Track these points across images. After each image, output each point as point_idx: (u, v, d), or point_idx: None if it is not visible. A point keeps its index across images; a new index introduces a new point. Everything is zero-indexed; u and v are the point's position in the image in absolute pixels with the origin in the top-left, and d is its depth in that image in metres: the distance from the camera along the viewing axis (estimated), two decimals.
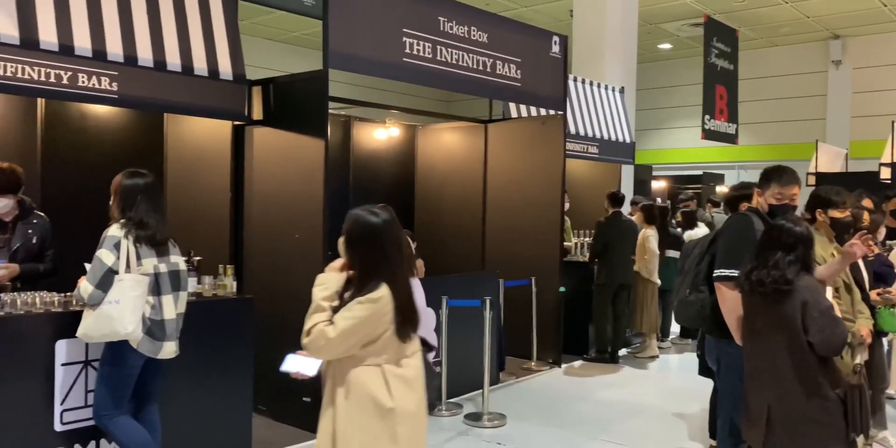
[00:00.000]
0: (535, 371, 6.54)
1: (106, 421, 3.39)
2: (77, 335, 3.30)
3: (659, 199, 9.32)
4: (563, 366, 6.76)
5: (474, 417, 5.12)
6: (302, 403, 4.50)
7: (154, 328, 3.35)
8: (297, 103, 4.96)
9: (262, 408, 4.81)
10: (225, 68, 4.84)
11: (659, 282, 7.14)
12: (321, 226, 4.68)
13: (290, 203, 4.89)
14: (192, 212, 5.27)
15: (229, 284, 4.28)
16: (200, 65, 4.70)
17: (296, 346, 2.60)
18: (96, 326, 3.24)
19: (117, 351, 3.35)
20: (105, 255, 3.25)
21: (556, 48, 6.71)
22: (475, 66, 5.85)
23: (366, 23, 4.96)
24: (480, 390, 5.33)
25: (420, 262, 5.46)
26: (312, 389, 3.65)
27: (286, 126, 4.99)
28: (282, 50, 14.59)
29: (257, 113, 5.12)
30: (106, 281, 3.23)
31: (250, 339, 4.23)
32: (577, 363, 6.96)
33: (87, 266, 3.32)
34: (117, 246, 3.29)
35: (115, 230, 3.34)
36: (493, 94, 6.41)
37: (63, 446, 3.51)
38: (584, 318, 7.12)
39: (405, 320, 2.53)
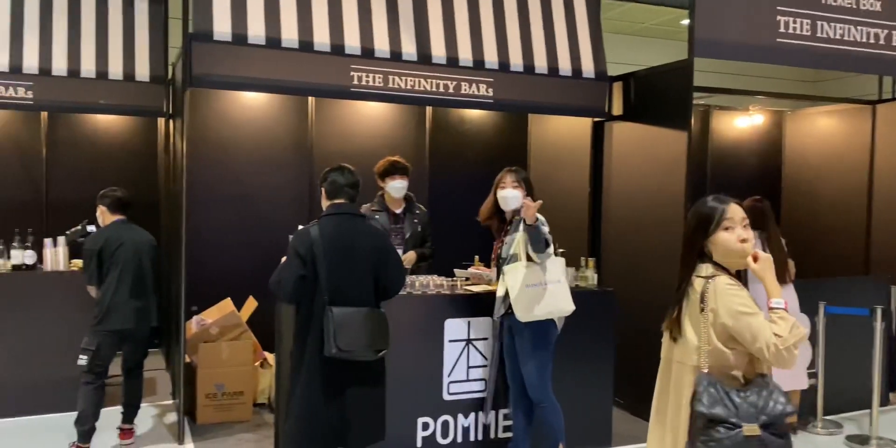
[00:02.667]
0: None
1: (547, 404, 3.64)
2: (519, 316, 3.52)
3: None
4: None
5: (859, 441, 4.51)
6: None
7: None
8: (658, 96, 4.88)
9: (619, 401, 4.85)
10: (588, 67, 4.96)
11: None
12: (682, 221, 4.54)
13: (650, 197, 4.83)
14: (553, 206, 5.48)
15: (591, 277, 4.39)
16: (565, 65, 4.89)
17: (653, 340, 2.55)
18: (540, 304, 3.51)
19: (543, 332, 3.59)
20: (547, 234, 3.54)
21: None
22: (865, 40, 5.11)
23: (734, 6, 4.66)
24: (866, 411, 4.67)
25: (791, 263, 4.98)
26: None
27: (646, 120, 4.94)
28: (629, 43, 14.45)
29: (617, 108, 5.16)
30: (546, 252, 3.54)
31: (612, 332, 4.29)
32: None
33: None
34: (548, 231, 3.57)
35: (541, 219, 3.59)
36: (888, 70, 5.53)
37: (449, 414, 3.97)
38: None
39: None
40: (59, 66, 5.07)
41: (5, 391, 4.58)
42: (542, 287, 3.51)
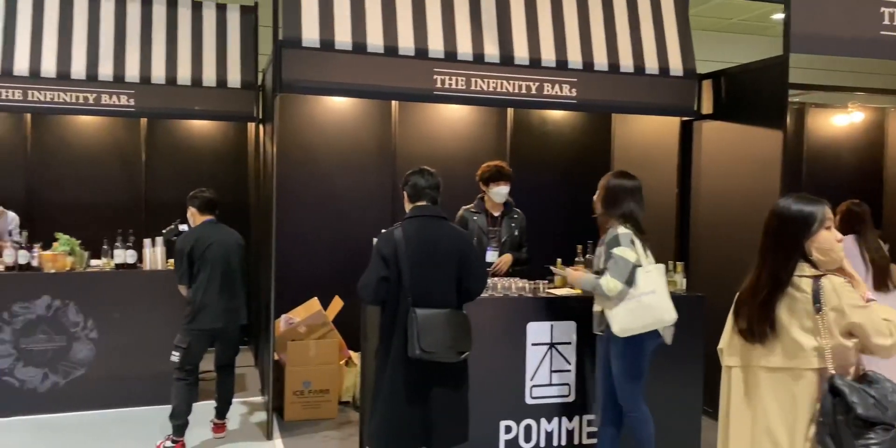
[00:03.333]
0: None
1: (637, 414, 3.52)
2: (614, 331, 3.40)
3: None
4: None
5: None
6: None
7: None
8: (751, 94, 4.69)
9: (709, 410, 4.69)
10: (675, 65, 4.83)
11: None
12: None
13: (742, 198, 4.65)
14: None
15: (679, 281, 4.26)
16: (651, 64, 4.78)
17: None
18: (635, 319, 3.38)
19: (638, 341, 3.45)
20: (628, 253, 3.41)
21: None
22: None
23: None
24: None
25: (894, 267, 4.69)
26: None
27: (738, 118, 4.76)
28: (716, 39, 14.01)
29: (706, 107, 4.99)
30: (633, 276, 3.41)
31: (701, 339, 4.15)
32: None
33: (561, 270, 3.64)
34: (632, 242, 3.46)
35: (623, 229, 3.49)
36: None
37: (532, 418, 3.94)
38: None
39: None
40: (158, 74, 5.33)
41: (107, 383, 4.84)
42: (636, 300, 3.40)
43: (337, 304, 5.08)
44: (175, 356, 4.12)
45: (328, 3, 4.19)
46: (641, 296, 3.36)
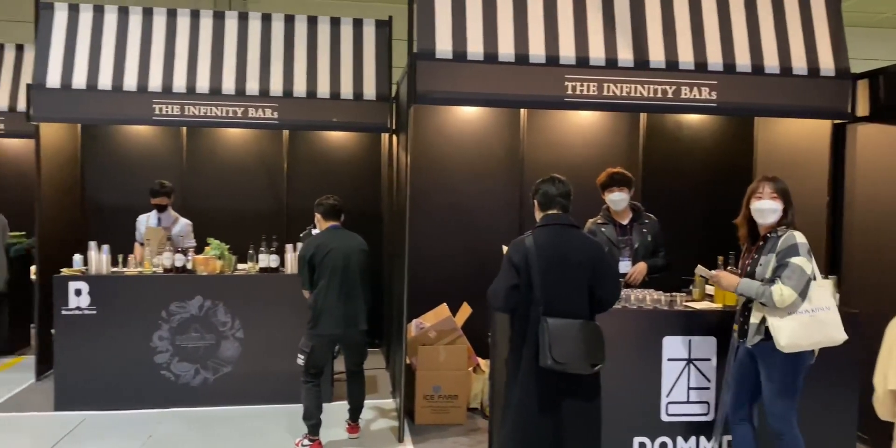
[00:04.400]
0: None
1: (789, 439, 3.33)
2: (781, 346, 3.21)
3: None
4: None
5: None
6: None
7: None
8: None
9: (864, 436, 4.32)
10: (826, 64, 4.52)
11: None
12: None
13: None
14: None
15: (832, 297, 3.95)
16: (800, 63, 4.49)
17: None
18: (807, 334, 3.21)
19: (795, 359, 3.28)
20: (805, 264, 3.25)
21: None
22: None
23: None
24: None
25: None
26: None
27: None
28: (864, 36, 12.98)
29: (862, 109, 4.62)
30: (806, 288, 3.24)
31: (855, 359, 3.84)
32: None
33: (701, 269, 3.49)
34: (809, 252, 3.30)
35: (802, 237, 3.33)
36: None
37: (667, 436, 3.79)
38: None
39: None
40: (300, 88, 5.63)
41: (251, 381, 5.14)
42: (809, 314, 3.21)
43: (465, 310, 5.13)
44: (300, 359, 4.28)
45: (461, 14, 4.26)
46: (816, 311, 3.18)
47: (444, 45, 4.19)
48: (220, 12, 5.78)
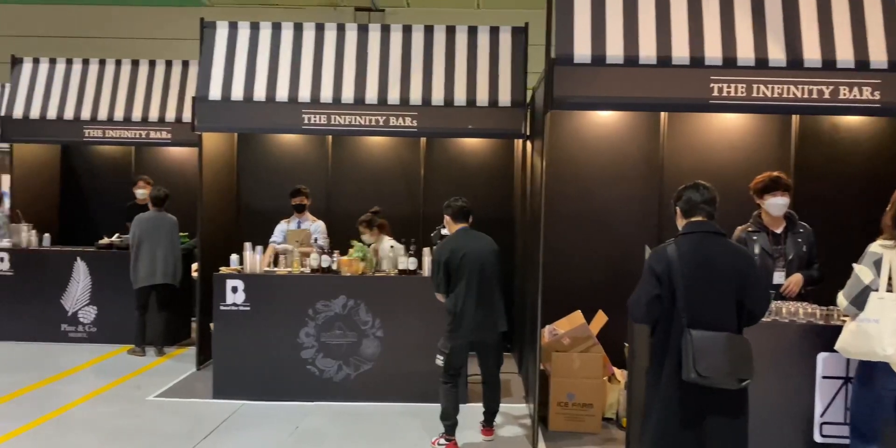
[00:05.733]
0: None
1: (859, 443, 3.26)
2: (835, 348, 3.30)
3: None
4: None
5: None
6: None
7: None
8: None
9: None
10: None
11: None
12: None
13: None
14: None
15: None
16: None
17: None
18: (854, 342, 3.20)
19: (867, 371, 3.24)
20: (864, 272, 3.16)
21: None
22: None
23: None
24: None
25: None
26: None
27: None
28: None
29: None
30: (861, 297, 3.16)
31: None
32: None
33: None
34: (878, 263, 3.14)
35: (876, 247, 3.21)
36: None
37: None
38: None
39: None
40: (438, 96, 5.78)
41: (391, 378, 5.32)
42: (855, 323, 3.13)
43: (601, 318, 5.05)
44: (439, 360, 4.37)
45: (601, 18, 4.21)
46: (864, 321, 3.11)
47: (582, 50, 4.16)
48: (363, 25, 6.05)
